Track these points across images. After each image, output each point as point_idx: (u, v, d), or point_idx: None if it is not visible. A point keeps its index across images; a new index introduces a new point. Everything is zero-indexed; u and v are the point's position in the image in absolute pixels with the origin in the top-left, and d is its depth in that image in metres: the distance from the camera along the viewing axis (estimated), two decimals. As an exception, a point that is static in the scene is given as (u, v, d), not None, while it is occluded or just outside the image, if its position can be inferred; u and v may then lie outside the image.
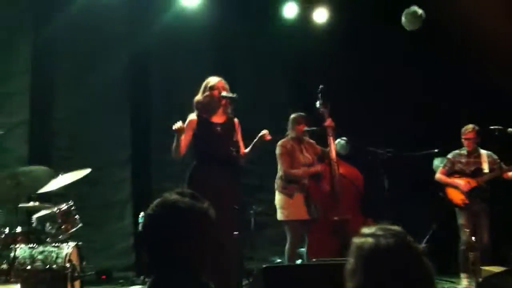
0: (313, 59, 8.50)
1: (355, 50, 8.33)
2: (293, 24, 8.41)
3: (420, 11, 7.52)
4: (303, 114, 6.64)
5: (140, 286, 6.64)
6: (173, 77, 8.18)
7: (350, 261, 1.84)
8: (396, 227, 1.88)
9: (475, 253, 6.40)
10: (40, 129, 7.27)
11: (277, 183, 6.51)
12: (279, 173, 6.50)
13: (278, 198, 6.48)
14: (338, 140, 7.12)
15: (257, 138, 5.40)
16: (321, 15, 8.44)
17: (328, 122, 6.48)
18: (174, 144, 5.22)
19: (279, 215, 6.45)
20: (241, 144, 5.55)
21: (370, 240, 1.82)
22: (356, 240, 1.86)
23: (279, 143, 6.51)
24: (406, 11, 7.59)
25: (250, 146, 5.49)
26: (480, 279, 5.52)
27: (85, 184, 7.19)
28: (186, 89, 5.84)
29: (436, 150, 7.05)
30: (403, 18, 7.62)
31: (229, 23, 8.30)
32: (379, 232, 1.84)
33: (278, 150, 6.49)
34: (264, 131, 5.37)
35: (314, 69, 8.44)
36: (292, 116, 6.64)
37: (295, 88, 8.78)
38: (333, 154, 6.48)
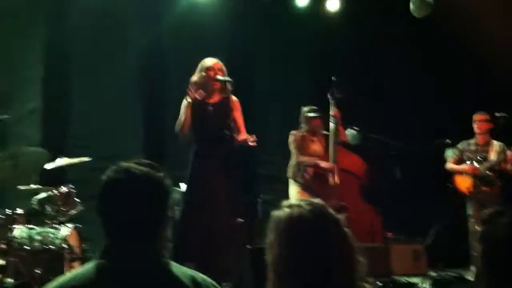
0: (328, 50, 8.39)
1: (366, 41, 8.22)
2: (306, 13, 8.20)
3: None
4: (314, 107, 6.66)
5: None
6: (189, 69, 8.16)
7: (268, 235, 1.83)
8: (314, 200, 1.85)
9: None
10: (54, 118, 7.32)
11: (289, 171, 6.59)
12: (292, 161, 6.58)
13: (291, 186, 6.58)
14: (349, 130, 7.08)
15: (242, 138, 5.18)
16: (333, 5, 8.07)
17: (334, 112, 6.44)
18: (182, 116, 5.22)
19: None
20: (240, 123, 5.33)
21: (285, 211, 1.82)
22: (274, 213, 1.85)
23: (292, 132, 6.61)
24: None
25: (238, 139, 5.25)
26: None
27: (98, 172, 7.29)
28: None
29: (448, 141, 6.95)
30: (411, 5, 7.44)
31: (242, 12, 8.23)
32: (295, 204, 1.83)
33: (290, 138, 6.58)
34: (251, 138, 5.07)
35: (328, 60, 8.35)
36: (304, 109, 6.67)
37: (311, 79, 8.70)
38: (332, 143, 6.44)
